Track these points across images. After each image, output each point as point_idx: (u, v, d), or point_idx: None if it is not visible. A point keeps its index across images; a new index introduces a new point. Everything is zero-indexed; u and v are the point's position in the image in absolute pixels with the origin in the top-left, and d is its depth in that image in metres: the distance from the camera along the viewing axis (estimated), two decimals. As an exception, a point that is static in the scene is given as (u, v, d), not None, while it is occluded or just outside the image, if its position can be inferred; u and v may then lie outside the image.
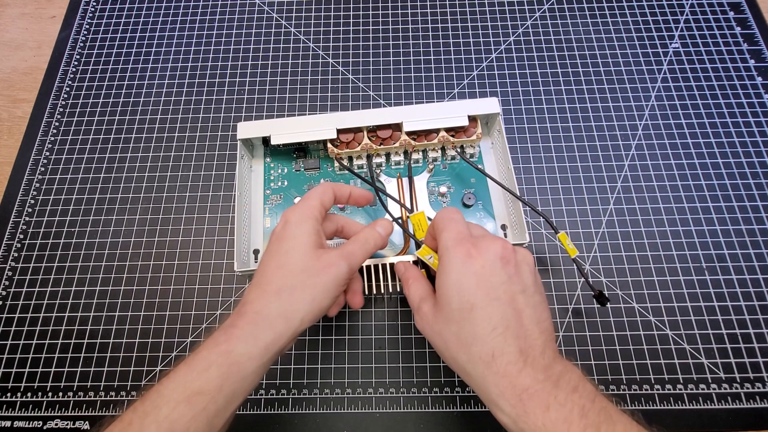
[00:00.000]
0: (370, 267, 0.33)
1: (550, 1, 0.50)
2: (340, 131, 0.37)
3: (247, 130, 0.38)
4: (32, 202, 0.42)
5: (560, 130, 0.43)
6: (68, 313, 0.37)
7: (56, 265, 0.39)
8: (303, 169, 0.40)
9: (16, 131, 0.45)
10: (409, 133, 0.37)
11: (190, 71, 0.47)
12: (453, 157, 0.40)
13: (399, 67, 0.47)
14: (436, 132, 0.37)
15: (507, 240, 0.26)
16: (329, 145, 0.37)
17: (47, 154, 0.44)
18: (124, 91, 0.47)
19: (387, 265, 0.33)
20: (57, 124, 0.45)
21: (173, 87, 0.46)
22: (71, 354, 0.36)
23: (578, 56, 0.46)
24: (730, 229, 0.39)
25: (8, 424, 0.34)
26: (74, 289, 0.38)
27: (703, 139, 0.42)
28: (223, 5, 0.51)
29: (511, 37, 0.48)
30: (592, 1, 0.49)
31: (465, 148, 0.39)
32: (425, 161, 0.40)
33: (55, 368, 0.36)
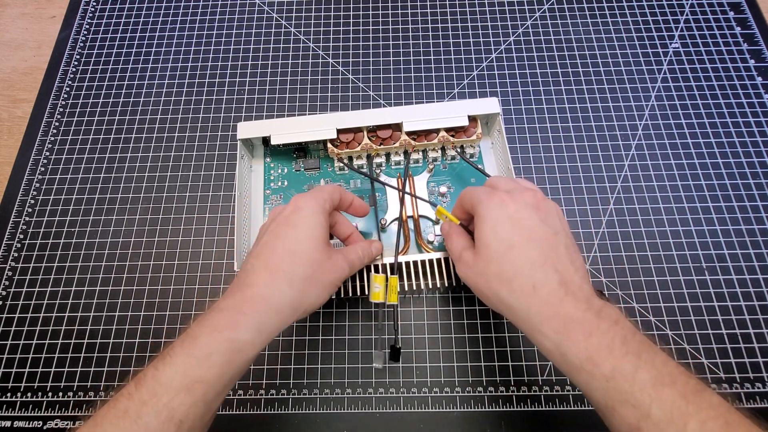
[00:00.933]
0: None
1: (550, 1, 0.50)
2: (340, 131, 0.37)
3: (247, 130, 0.38)
4: (32, 202, 0.42)
5: (560, 130, 0.43)
6: (68, 313, 0.37)
7: (56, 265, 0.39)
8: (303, 169, 0.40)
9: (16, 131, 0.45)
10: (409, 133, 0.37)
11: (190, 71, 0.47)
12: (453, 157, 0.40)
13: (399, 67, 0.47)
14: (436, 132, 0.37)
15: (537, 189, 0.27)
16: (329, 145, 0.37)
17: (47, 154, 0.44)
18: (124, 91, 0.47)
19: (387, 266, 0.33)
20: (57, 124, 0.45)
21: (173, 87, 0.46)
22: (71, 354, 0.36)
23: (578, 56, 0.46)
24: (730, 229, 0.39)
25: (8, 424, 0.34)
26: (74, 289, 0.38)
27: (703, 139, 0.42)
28: (223, 5, 0.51)
29: (511, 37, 0.48)
30: (592, 1, 0.49)
31: (465, 148, 0.39)
32: (425, 161, 0.40)
33: (55, 368, 0.36)
